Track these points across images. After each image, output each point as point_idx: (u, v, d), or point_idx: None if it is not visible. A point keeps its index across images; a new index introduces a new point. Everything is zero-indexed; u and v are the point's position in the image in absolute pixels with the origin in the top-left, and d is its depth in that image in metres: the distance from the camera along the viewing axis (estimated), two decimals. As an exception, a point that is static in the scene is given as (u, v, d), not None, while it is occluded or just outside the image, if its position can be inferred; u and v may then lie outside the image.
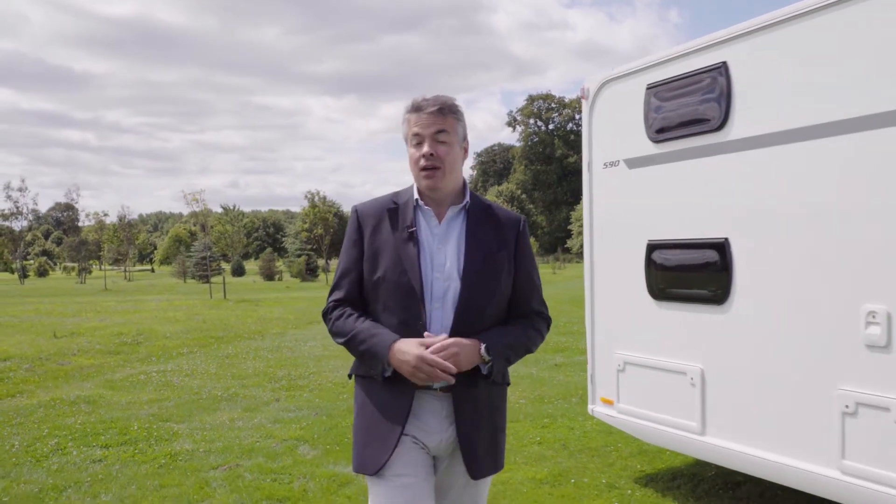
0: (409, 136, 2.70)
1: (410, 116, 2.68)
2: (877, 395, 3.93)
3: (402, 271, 2.62)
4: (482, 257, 2.68)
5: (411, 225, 2.68)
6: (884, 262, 3.90)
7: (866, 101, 3.96)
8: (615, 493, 5.68)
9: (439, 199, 2.74)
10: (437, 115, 2.64)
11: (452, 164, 2.68)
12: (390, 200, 2.77)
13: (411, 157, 2.69)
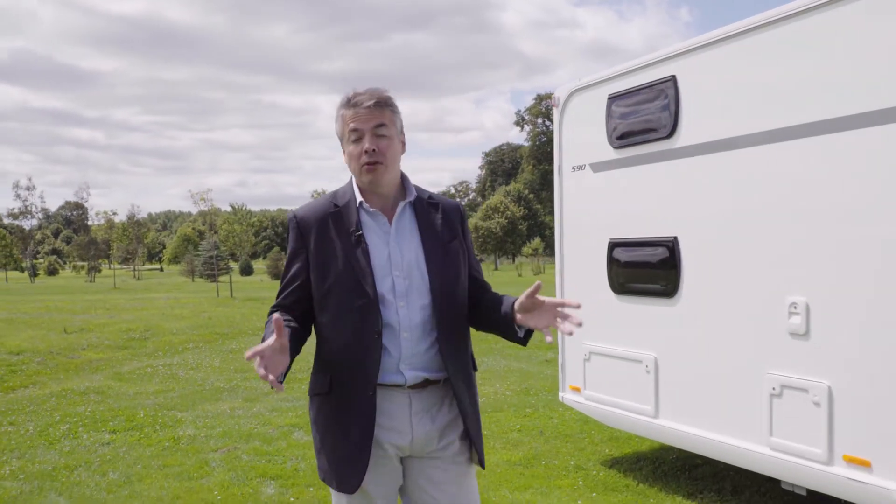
0: (345, 132, 2.60)
1: (346, 112, 2.59)
2: (798, 378, 4.39)
3: (353, 278, 2.54)
4: (442, 248, 2.65)
5: (357, 228, 2.60)
6: (804, 259, 4.36)
7: (791, 114, 4.42)
8: (581, 474, 6.15)
9: (383, 195, 2.66)
10: (375, 110, 2.56)
11: (393, 157, 2.61)
12: (330, 203, 2.67)
13: (350, 153, 2.59)
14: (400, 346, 2.56)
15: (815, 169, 4.29)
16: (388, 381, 2.56)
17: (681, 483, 5.85)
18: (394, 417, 2.59)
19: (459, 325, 2.68)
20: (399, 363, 2.56)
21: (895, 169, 3.85)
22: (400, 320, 2.55)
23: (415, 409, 2.60)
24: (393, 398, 2.58)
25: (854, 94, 4.04)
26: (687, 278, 5.22)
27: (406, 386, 2.58)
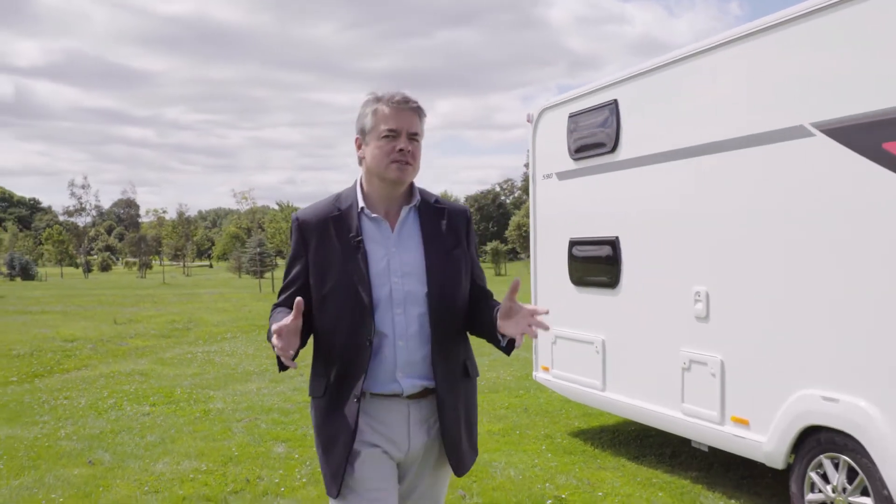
0: (378, 127, 2.57)
1: (383, 108, 2.57)
2: (700, 354, 5.32)
3: (350, 286, 2.52)
4: (444, 256, 2.62)
5: (357, 234, 2.57)
6: (706, 254, 5.29)
7: (701, 134, 5.34)
8: (547, 441, 7.12)
9: (389, 199, 2.64)
10: (414, 116, 2.58)
11: (419, 164, 2.63)
12: (333, 207, 2.65)
13: (380, 148, 2.55)
14: (395, 354, 2.53)
15: (716, 180, 5.22)
16: (385, 391, 2.55)
17: (630, 448, 6.79)
18: (392, 428, 2.57)
19: (455, 334, 2.65)
20: (395, 371, 2.54)
21: (772, 181, 4.76)
22: (395, 328, 2.53)
23: (413, 419, 2.58)
24: (391, 408, 2.56)
25: (749, 118, 4.94)
26: (626, 272, 6.16)
27: (404, 395, 2.56)
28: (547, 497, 5.41)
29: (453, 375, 2.62)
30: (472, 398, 2.75)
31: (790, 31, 4.60)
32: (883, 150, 4.00)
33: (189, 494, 5.64)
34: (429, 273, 2.58)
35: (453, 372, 2.62)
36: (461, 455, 2.64)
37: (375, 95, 2.61)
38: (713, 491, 5.55)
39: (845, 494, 4.36)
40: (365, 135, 2.62)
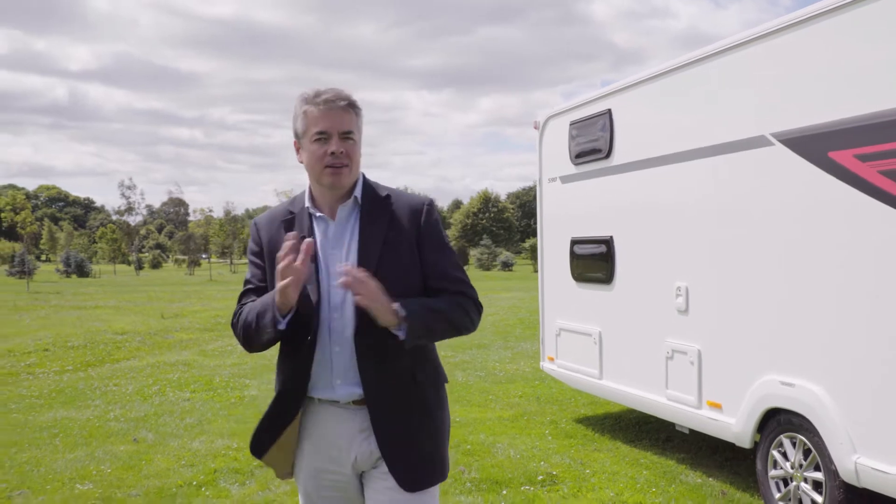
0: (308, 130, 2.46)
1: (311, 109, 2.45)
2: (681, 344, 5.81)
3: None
4: (377, 253, 2.46)
5: (307, 234, 2.49)
6: (686, 251, 5.77)
7: (684, 142, 5.82)
8: (552, 426, 7.64)
9: (335, 197, 2.54)
10: (345, 113, 2.46)
11: (357, 162, 2.52)
12: (286, 210, 2.60)
13: (313, 153, 2.45)
14: (332, 359, 2.44)
15: (692, 184, 5.70)
16: (326, 397, 2.48)
17: (627, 433, 7.28)
18: (337, 435, 2.50)
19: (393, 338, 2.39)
20: (333, 378, 2.45)
21: (738, 186, 5.24)
22: (331, 333, 2.43)
23: (356, 427, 2.47)
24: (335, 414, 2.49)
25: (719, 129, 5.40)
26: (619, 269, 6.66)
27: (341, 403, 2.47)
28: (539, 473, 5.94)
29: (392, 382, 2.45)
30: (426, 406, 2.53)
31: (754, 49, 5.07)
32: (828, 158, 4.46)
33: (220, 467, 6.28)
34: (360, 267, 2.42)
35: (391, 379, 2.45)
36: (406, 467, 2.45)
37: (304, 96, 2.50)
38: (695, 470, 6.03)
39: (801, 470, 4.82)
40: (300, 139, 2.53)
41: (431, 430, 2.54)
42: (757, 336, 5.08)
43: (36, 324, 19.51)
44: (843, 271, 4.41)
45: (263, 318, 2.38)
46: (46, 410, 8.74)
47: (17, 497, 5.62)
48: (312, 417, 2.53)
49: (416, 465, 2.47)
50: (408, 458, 2.46)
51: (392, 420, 2.45)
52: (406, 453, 2.46)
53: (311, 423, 2.54)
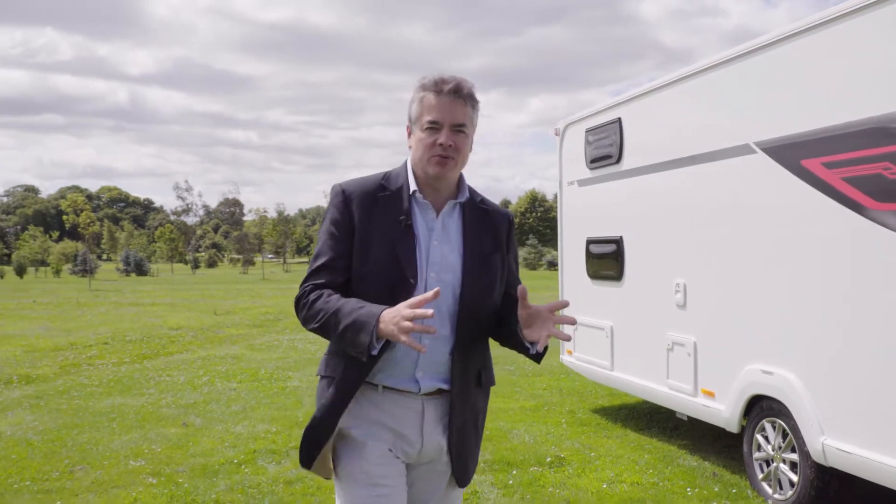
0: (421, 117, 2.43)
1: (428, 96, 2.41)
2: (680, 336, 6.25)
3: (397, 266, 2.38)
4: (480, 258, 2.49)
5: (408, 216, 2.44)
6: (684, 250, 6.21)
7: (682, 149, 6.26)
8: (569, 416, 8.11)
9: (439, 190, 2.50)
10: (461, 105, 2.41)
11: (465, 156, 2.47)
12: (380, 185, 2.50)
13: (421, 140, 2.42)
14: (418, 353, 2.39)
15: (688, 188, 6.13)
16: (401, 387, 2.43)
17: (638, 422, 7.72)
18: (404, 424, 2.45)
19: (478, 340, 2.51)
20: (415, 369, 2.42)
21: (726, 190, 5.66)
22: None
23: (428, 416, 2.46)
24: (405, 404, 2.45)
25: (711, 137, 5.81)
26: (628, 267, 7.11)
27: (419, 393, 2.44)
28: (549, 456, 6.43)
29: (468, 381, 2.49)
30: (482, 408, 2.61)
31: (739, 64, 5.50)
32: (800, 166, 4.88)
33: (259, 448, 6.90)
34: (464, 272, 2.45)
35: (468, 378, 2.49)
36: (467, 461, 2.53)
37: (423, 82, 2.46)
38: (693, 455, 6.47)
39: (780, 451, 5.24)
40: (412, 123, 2.49)
41: (482, 430, 2.63)
42: (743, 328, 5.50)
43: (97, 319, 20.58)
44: (813, 270, 4.83)
45: (357, 336, 2.25)
46: (105, 397, 9.49)
47: (78, 471, 6.29)
48: (373, 405, 2.46)
49: (468, 462, 2.54)
50: (467, 455, 2.53)
51: (464, 417, 2.49)
52: (467, 450, 2.53)
53: (371, 410, 2.46)
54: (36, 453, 6.82)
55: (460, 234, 2.50)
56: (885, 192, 4.25)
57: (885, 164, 4.22)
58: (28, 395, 9.72)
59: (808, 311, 4.87)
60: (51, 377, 11.12)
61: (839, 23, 4.61)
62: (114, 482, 5.94)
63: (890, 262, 4.23)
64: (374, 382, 2.44)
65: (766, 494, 5.36)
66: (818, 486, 4.87)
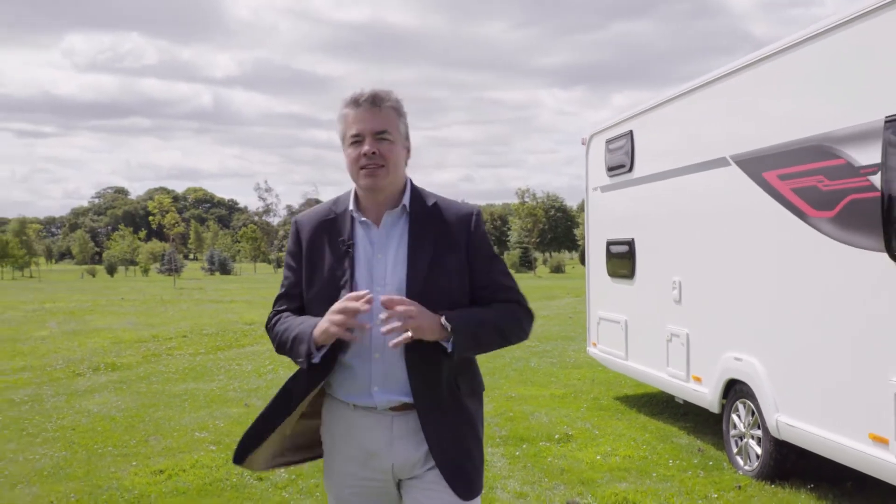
0: (346, 134, 2.45)
1: (348, 112, 2.44)
2: (676, 328, 6.94)
3: (335, 290, 2.40)
4: (427, 263, 2.42)
5: (348, 238, 2.45)
6: (681, 249, 6.90)
7: (674, 160, 6.96)
8: (592, 401, 8.85)
9: (380, 202, 2.48)
10: (379, 113, 2.42)
11: (396, 163, 2.45)
12: (329, 210, 2.55)
13: (349, 156, 2.43)
14: (371, 367, 2.40)
15: (682, 195, 6.83)
16: (360, 403, 2.43)
17: (652, 408, 8.41)
18: (373, 442, 2.44)
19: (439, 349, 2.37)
20: (370, 385, 2.41)
21: (708, 198, 6.35)
22: (373, 340, 2.36)
23: (396, 433, 2.43)
24: (374, 421, 2.44)
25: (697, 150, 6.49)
26: (638, 266, 7.82)
27: (379, 409, 2.42)
28: (558, 433, 7.21)
29: (438, 391, 2.41)
30: (472, 415, 2.51)
31: (719, 86, 6.19)
32: (762, 177, 5.56)
33: (307, 425, 7.85)
34: (409, 282, 2.40)
35: (437, 387, 2.41)
36: (462, 475, 2.43)
37: (343, 98, 2.49)
38: (689, 435, 7.16)
39: (749, 428, 5.92)
40: (342, 143, 2.50)
41: (479, 438, 2.53)
42: (723, 320, 6.19)
43: (178, 315, 22.12)
44: (770, 269, 5.50)
45: (299, 347, 2.36)
46: (180, 383, 10.64)
47: (152, 440, 7.35)
48: (343, 421, 2.49)
49: (469, 473, 2.44)
50: (462, 466, 2.43)
51: (442, 428, 2.41)
52: (460, 461, 2.43)
53: (342, 427, 2.49)
54: (118, 426, 7.93)
55: (405, 242, 2.46)
56: (819, 202, 4.92)
57: (820, 177, 4.90)
58: (113, 380, 10.97)
59: (767, 304, 5.55)
60: (133, 365, 12.41)
61: (787, 53, 5.31)
62: (180, 448, 6.97)
63: (823, 264, 4.90)
64: (345, 401, 2.46)
65: (738, 466, 6.04)
66: (777, 458, 5.55)
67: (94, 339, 16.05)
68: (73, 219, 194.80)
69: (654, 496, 5.43)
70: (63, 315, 22.85)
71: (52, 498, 5.64)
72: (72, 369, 11.97)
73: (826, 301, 4.92)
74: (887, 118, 4.28)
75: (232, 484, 5.89)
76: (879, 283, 4.40)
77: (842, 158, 4.68)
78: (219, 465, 6.40)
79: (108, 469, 6.38)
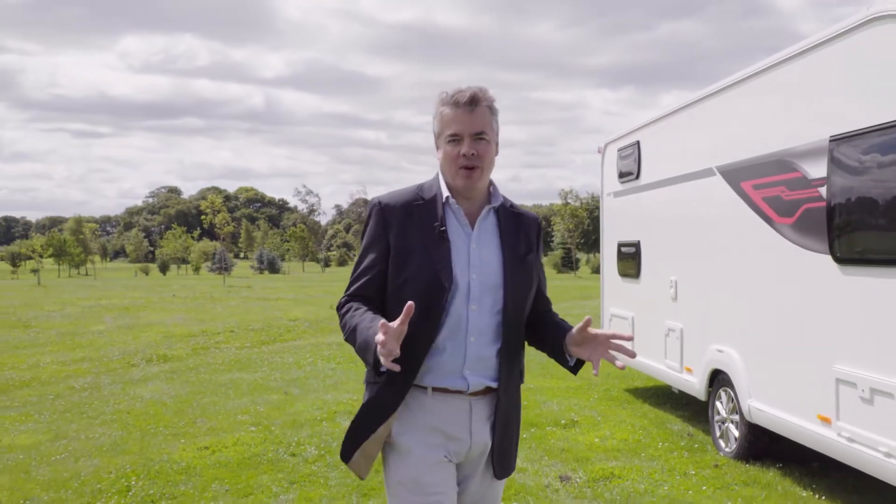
0: (443, 132, 2.54)
1: (445, 111, 2.53)
2: (672, 323, 7.56)
3: (432, 271, 2.45)
4: (518, 259, 2.59)
5: (442, 223, 2.52)
6: (677, 250, 7.51)
7: (669, 170, 7.57)
8: (602, 392, 9.47)
9: (471, 198, 2.59)
10: (478, 114, 2.51)
11: (490, 162, 2.56)
12: (416, 195, 2.60)
13: (447, 153, 2.53)
14: (465, 349, 2.48)
15: (678, 202, 7.44)
16: (450, 386, 2.50)
17: (657, 399, 9.01)
18: (454, 425, 2.52)
19: (520, 337, 2.62)
20: (463, 367, 2.49)
21: (698, 205, 6.95)
22: (469, 323, 2.47)
23: (475, 416, 2.54)
24: (454, 404, 2.51)
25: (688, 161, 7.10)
26: (643, 267, 8.44)
27: (468, 392, 2.51)
28: (565, 419, 7.86)
29: (512, 378, 2.58)
30: (518, 402, 2.71)
31: (709, 102, 6.80)
32: (741, 187, 6.16)
33: (339, 410, 8.62)
34: (505, 272, 2.54)
35: (513, 374, 2.58)
36: (509, 455, 2.64)
37: (441, 97, 2.57)
38: (684, 422, 7.76)
39: (730, 414, 6.52)
40: (437, 138, 2.61)
41: (519, 425, 2.73)
42: (709, 316, 6.79)
43: (226, 312, 23.19)
44: (745, 269, 6.11)
45: (365, 355, 2.37)
46: (225, 373, 11.51)
47: (199, 422, 8.17)
48: (420, 408, 2.52)
49: (510, 456, 2.65)
50: (510, 449, 2.64)
51: (507, 413, 2.58)
52: (510, 444, 2.63)
53: (422, 413, 2.52)
54: (168, 410, 8.78)
55: (497, 236, 2.60)
56: (782, 210, 5.52)
57: (783, 188, 5.50)
58: (164, 370, 11.90)
59: (743, 301, 6.15)
60: (183, 357, 13.35)
61: (756, 78, 5.94)
62: (224, 429, 7.78)
63: (785, 265, 5.50)
64: (422, 385, 2.50)
65: (720, 448, 6.65)
66: (751, 440, 6.15)
67: (147, 334, 17.11)
68: (127, 218, 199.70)
69: (639, 472, 6.06)
70: (118, 311, 24.10)
71: (112, 469, 6.45)
72: (127, 360, 12.96)
73: (786, 298, 5.52)
74: (831, 137, 4.88)
75: (268, 458, 6.66)
76: (825, 282, 4.99)
77: (798, 172, 5.29)
78: (257, 442, 7.18)
79: (160, 446, 7.19)
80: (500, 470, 2.61)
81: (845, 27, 4.85)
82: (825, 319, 5.02)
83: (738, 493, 5.55)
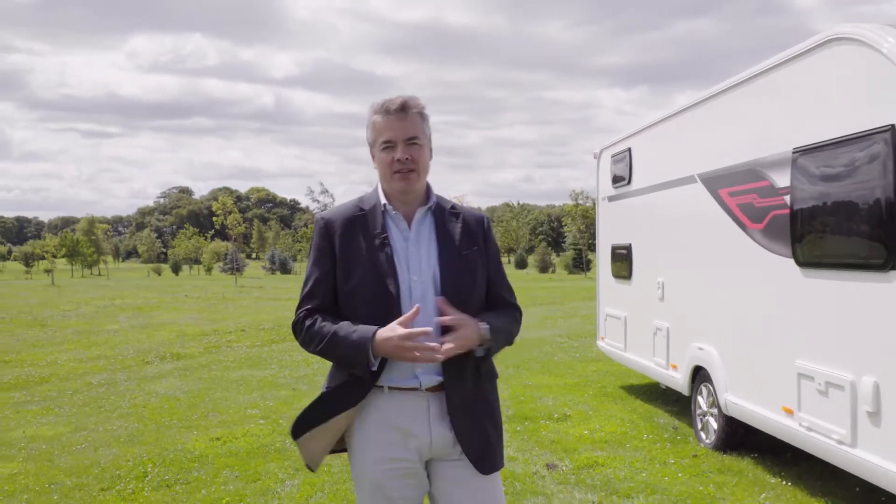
0: (376, 140, 2.63)
1: (378, 119, 2.62)
2: (660, 323, 7.94)
3: (377, 278, 2.56)
4: (457, 256, 2.64)
5: (382, 231, 2.61)
6: (664, 254, 7.90)
7: (655, 177, 7.96)
8: (598, 389, 9.86)
9: (407, 202, 2.68)
10: (409, 120, 2.60)
11: (425, 166, 2.66)
12: (356, 207, 2.70)
13: (382, 160, 2.62)
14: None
15: (663, 207, 7.83)
16: (404, 385, 2.58)
17: (649, 395, 9.40)
18: (413, 422, 2.59)
19: None
20: (415, 366, 2.56)
21: (680, 210, 7.34)
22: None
23: (433, 412, 2.61)
24: (411, 402, 2.59)
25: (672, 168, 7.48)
26: (635, 268, 8.83)
27: (422, 389, 2.58)
28: (558, 413, 8.26)
29: (463, 373, 2.61)
30: (491, 398, 2.74)
31: (692, 112, 7.19)
32: (718, 194, 6.55)
33: (343, 405, 9.03)
34: (443, 271, 2.61)
35: (463, 370, 2.61)
36: (483, 449, 2.64)
37: (372, 105, 2.66)
38: (671, 417, 8.14)
39: (710, 407, 6.90)
40: (371, 147, 2.69)
41: (495, 419, 2.72)
42: (692, 316, 7.18)
43: (238, 311, 23.70)
44: (722, 272, 6.50)
45: (355, 355, 2.48)
46: (237, 370, 11.96)
47: (211, 416, 8.62)
48: (376, 407, 2.61)
49: (485, 450, 2.63)
50: (481, 444, 2.63)
51: (465, 408, 2.61)
52: (479, 439, 2.63)
53: (376, 412, 2.61)
54: (181, 405, 9.23)
55: (434, 236, 2.67)
56: (754, 216, 5.91)
57: (754, 196, 5.89)
58: (178, 367, 12.37)
59: (721, 301, 6.54)
60: (196, 355, 13.83)
61: (732, 91, 6.33)
62: (234, 422, 8.23)
63: (755, 268, 5.89)
64: (379, 385, 2.58)
65: (701, 440, 7.04)
66: (728, 431, 6.54)
67: (160, 333, 17.61)
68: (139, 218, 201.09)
69: (622, 461, 6.46)
70: (132, 310, 24.66)
71: (129, 457, 6.90)
72: (141, 358, 13.44)
73: (757, 299, 5.91)
74: (794, 149, 5.27)
75: (276, 449, 7.09)
76: (789, 284, 5.38)
77: (767, 180, 5.68)
78: (266, 434, 7.62)
79: (174, 437, 7.64)
80: (484, 465, 2.63)
81: (806, 47, 5.25)
82: (789, 318, 5.41)
83: (711, 480, 5.95)
